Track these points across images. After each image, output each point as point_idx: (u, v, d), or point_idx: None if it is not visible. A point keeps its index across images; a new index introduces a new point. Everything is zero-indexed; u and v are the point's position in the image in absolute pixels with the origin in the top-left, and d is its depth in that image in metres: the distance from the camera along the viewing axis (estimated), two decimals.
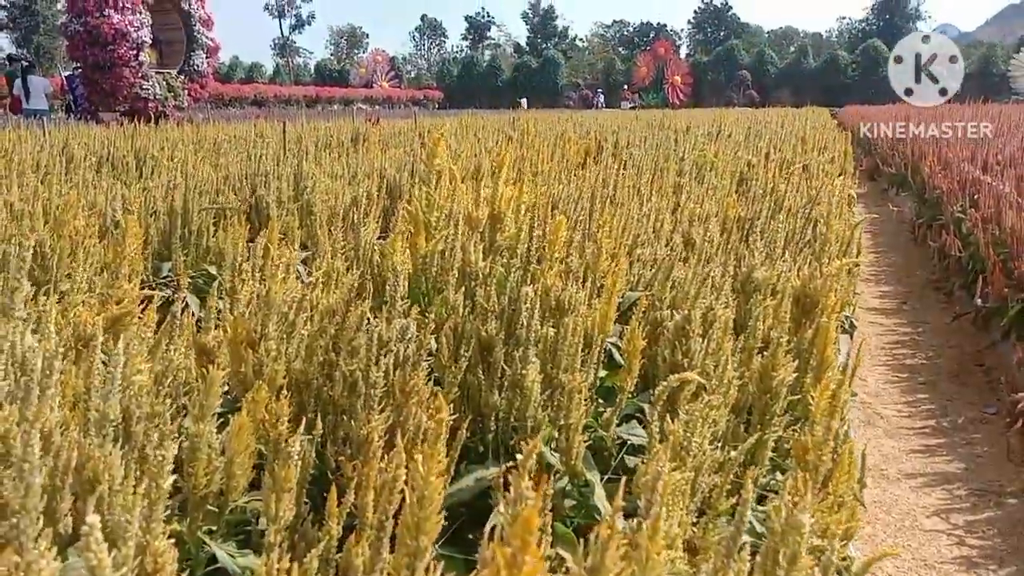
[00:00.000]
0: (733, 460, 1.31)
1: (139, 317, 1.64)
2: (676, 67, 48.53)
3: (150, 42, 14.39)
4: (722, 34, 64.30)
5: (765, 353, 1.60)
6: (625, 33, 73.27)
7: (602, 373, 1.87)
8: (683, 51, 60.29)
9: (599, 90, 46.12)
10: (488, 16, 76.62)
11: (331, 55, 69.75)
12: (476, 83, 50.09)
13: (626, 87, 46.87)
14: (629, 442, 1.59)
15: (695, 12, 69.05)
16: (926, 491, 2.78)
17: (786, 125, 10.60)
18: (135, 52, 13.67)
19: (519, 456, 1.34)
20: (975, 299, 4.13)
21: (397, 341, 1.24)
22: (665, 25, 70.81)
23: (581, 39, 72.95)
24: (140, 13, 13.85)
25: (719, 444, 1.48)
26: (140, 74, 13.87)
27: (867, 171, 11.73)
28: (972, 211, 5.07)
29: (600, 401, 1.81)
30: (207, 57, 16.49)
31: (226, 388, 1.60)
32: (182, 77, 15.70)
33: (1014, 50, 40.83)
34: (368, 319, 1.26)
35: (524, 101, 38.43)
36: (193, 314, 2.25)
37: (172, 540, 0.91)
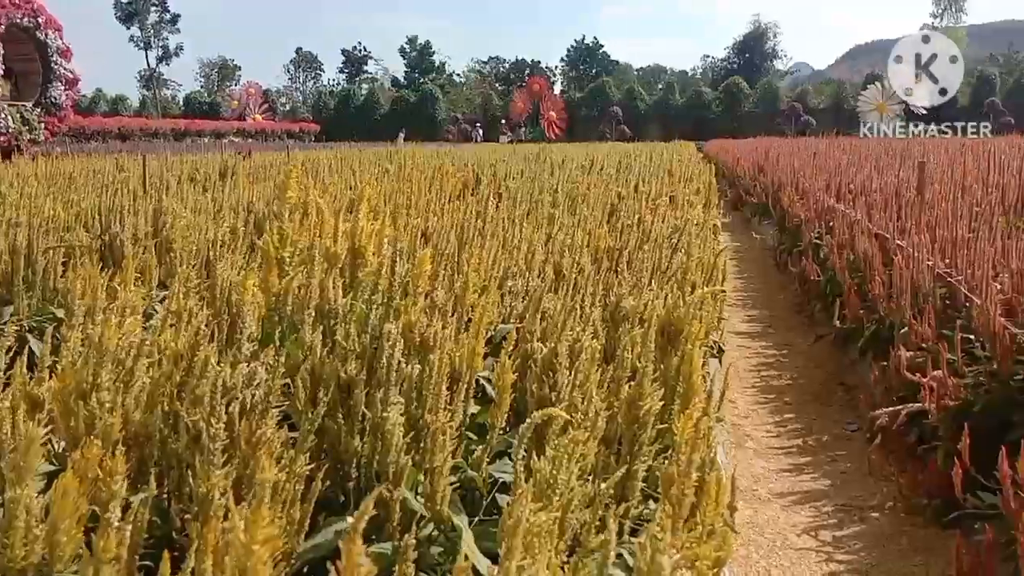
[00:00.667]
0: (603, 494, 1.28)
1: None
2: (551, 103, 49.73)
3: (2, 73, 13.59)
4: (594, 71, 66.39)
5: (633, 383, 1.60)
6: (501, 69, 74.55)
7: (476, 409, 1.82)
8: (557, 87, 61.79)
9: (478, 124, 46.71)
10: (365, 50, 76.38)
11: (201, 87, 67.69)
12: (354, 116, 49.68)
13: (503, 122, 47.65)
14: (501, 480, 1.55)
15: (568, 50, 71.11)
16: (796, 509, 2.85)
17: (655, 158, 10.99)
18: None
19: (385, 503, 1.27)
20: (834, 321, 4.33)
21: (243, 387, 1.15)
22: (539, 62, 72.46)
23: (458, 74, 73.74)
24: None
25: (590, 477, 1.46)
26: None
27: (732, 201, 12.31)
28: (828, 238, 5.35)
29: (474, 438, 1.76)
30: (66, 89, 15.74)
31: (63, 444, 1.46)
32: (38, 110, 14.90)
33: (861, 87, 44.10)
34: (212, 364, 1.17)
35: (401, 135, 38.43)
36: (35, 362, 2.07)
37: None
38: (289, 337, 1.45)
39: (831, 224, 5.69)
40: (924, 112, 38.70)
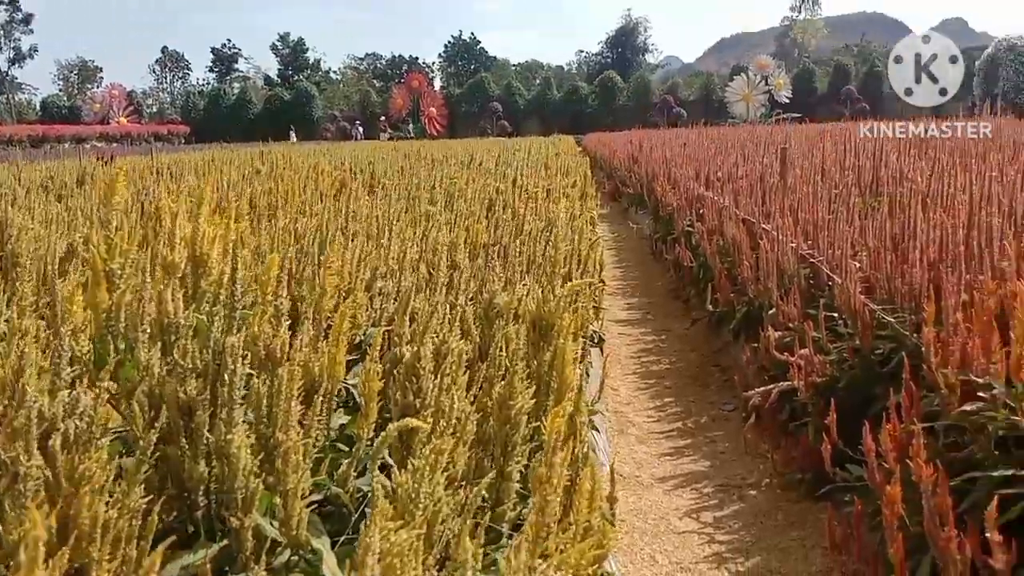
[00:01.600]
0: (473, 500, 1.23)
1: None
2: (431, 99, 49.38)
3: None
4: (472, 67, 66.36)
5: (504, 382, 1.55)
6: (379, 66, 73.47)
7: (345, 419, 1.74)
8: (437, 83, 61.42)
9: (357, 121, 45.88)
10: (235, 47, 73.66)
11: (60, 91, 63.53)
12: (225, 117, 47.87)
13: (383, 118, 47.01)
14: (370, 495, 1.47)
15: (445, 46, 70.77)
16: (677, 492, 2.90)
17: (533, 153, 11.07)
18: None
19: (235, 532, 1.18)
20: (707, 305, 4.44)
21: (65, 417, 1.04)
22: (417, 58, 71.89)
23: (335, 71, 72.17)
24: None
25: (462, 484, 1.40)
26: None
27: (610, 193, 12.54)
28: (699, 225, 5.49)
29: (345, 450, 1.67)
30: None
31: None
32: None
33: (728, 79, 45.92)
34: (29, 392, 1.05)
35: (293, 134, 37.56)
36: None
37: None
38: (125, 357, 1.33)
39: (701, 211, 5.84)
40: (787, 101, 40.75)
